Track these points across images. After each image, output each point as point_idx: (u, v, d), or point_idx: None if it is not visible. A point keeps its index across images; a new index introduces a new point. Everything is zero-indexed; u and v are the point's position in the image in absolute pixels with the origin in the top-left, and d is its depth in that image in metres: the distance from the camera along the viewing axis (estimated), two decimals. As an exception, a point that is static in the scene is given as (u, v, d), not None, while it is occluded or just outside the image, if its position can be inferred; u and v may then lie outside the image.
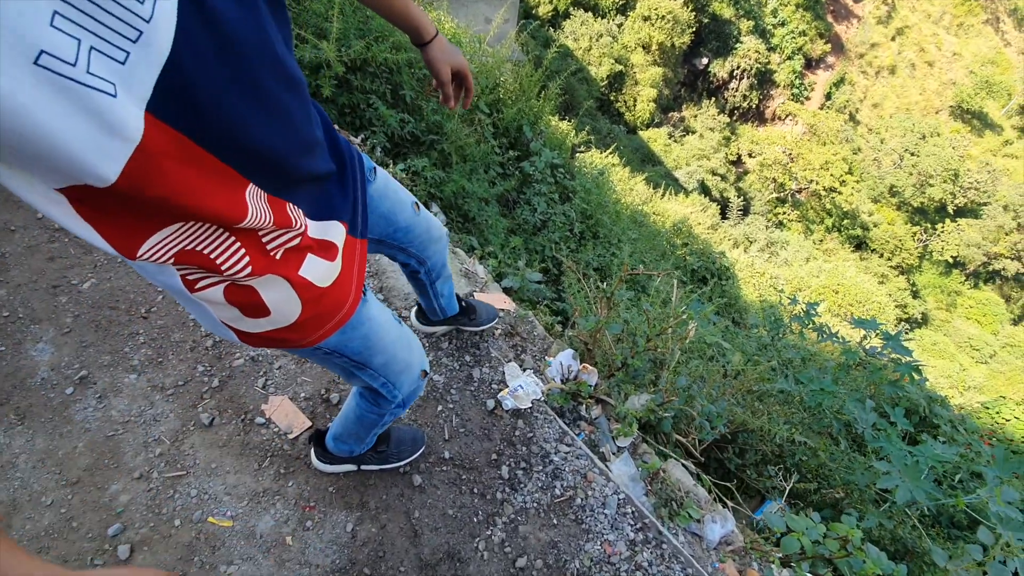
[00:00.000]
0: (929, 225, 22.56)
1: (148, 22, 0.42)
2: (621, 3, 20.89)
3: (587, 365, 2.05)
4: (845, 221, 22.10)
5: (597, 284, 2.68)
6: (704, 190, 19.62)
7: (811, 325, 2.92)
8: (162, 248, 0.57)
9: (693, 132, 22.85)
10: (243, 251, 0.63)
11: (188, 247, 0.58)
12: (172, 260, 0.59)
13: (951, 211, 22.13)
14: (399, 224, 1.08)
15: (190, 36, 0.45)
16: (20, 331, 1.60)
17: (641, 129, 21.55)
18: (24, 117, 0.38)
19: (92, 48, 0.40)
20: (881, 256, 22.02)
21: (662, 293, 3.72)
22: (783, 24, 25.77)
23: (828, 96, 26.83)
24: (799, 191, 22.36)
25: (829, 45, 27.21)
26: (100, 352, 1.59)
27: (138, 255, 0.56)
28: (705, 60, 23.86)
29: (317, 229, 0.73)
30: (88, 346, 1.60)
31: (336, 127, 2.68)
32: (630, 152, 18.03)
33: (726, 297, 7.58)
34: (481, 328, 1.83)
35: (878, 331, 2.43)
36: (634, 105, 21.40)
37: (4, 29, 0.35)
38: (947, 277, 22.41)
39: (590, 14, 19.59)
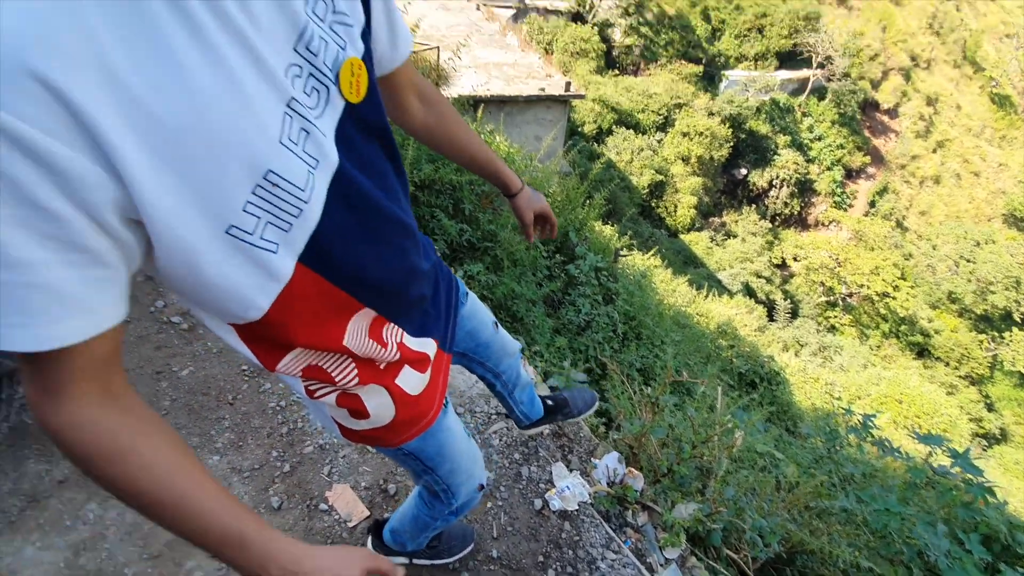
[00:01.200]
0: (996, 333, 21.29)
1: (307, 203, 0.55)
2: (661, 122, 22.37)
3: (633, 469, 2.07)
4: (903, 327, 21.17)
5: (641, 388, 2.74)
6: (749, 292, 19.45)
7: (870, 438, 2.81)
8: (293, 364, 0.72)
9: (734, 236, 23.16)
10: (353, 366, 0.77)
11: (312, 364, 0.73)
12: (300, 374, 0.74)
13: (1018, 319, 20.93)
14: (481, 340, 1.21)
15: (333, 208, 0.58)
16: (126, 412, 1.81)
17: (682, 233, 22.06)
18: (214, 267, 0.52)
19: (268, 223, 0.53)
20: (947, 365, 20.69)
21: (709, 398, 3.70)
22: (820, 139, 26.71)
23: (872, 204, 26.95)
24: (849, 295, 21.82)
25: (868, 157, 27.82)
26: (191, 434, 1.77)
27: (276, 368, 0.71)
28: (744, 171, 24.74)
29: (414, 344, 0.86)
30: (180, 428, 1.78)
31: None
32: (672, 254, 18.36)
33: (777, 404, 7.29)
34: (581, 416, 1.84)
35: (943, 447, 2.33)
36: (675, 211, 22.10)
37: (206, 217, 0.49)
38: (1023, 390, 20.67)
39: (632, 131, 20.99)
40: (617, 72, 27.83)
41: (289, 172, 0.52)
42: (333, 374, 0.75)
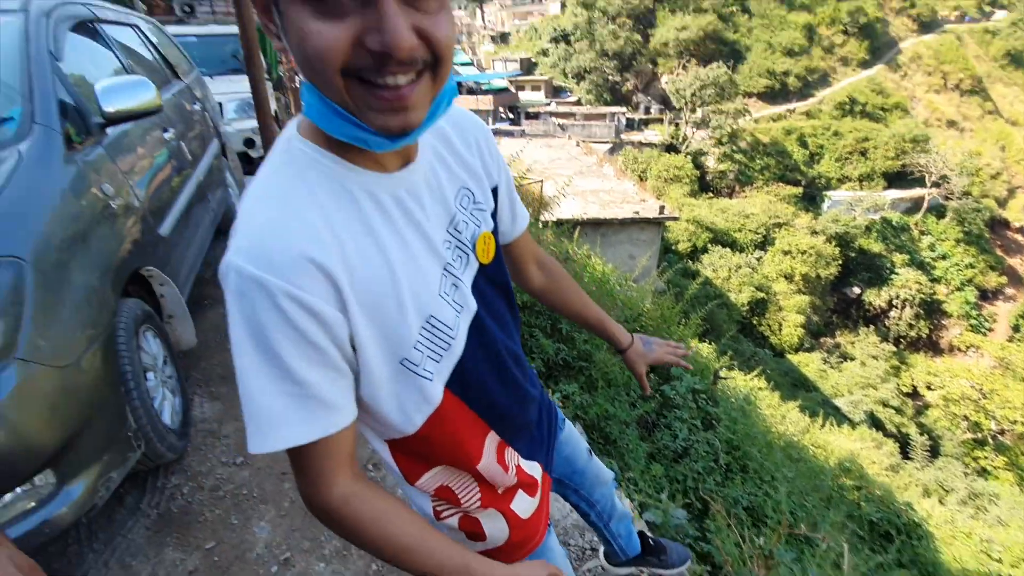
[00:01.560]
0: None
1: (454, 339, 0.71)
2: (759, 240, 22.00)
3: (743, 627, 1.86)
4: (1079, 476, 17.31)
5: (750, 533, 2.51)
6: (875, 423, 17.20)
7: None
8: (430, 482, 0.82)
9: (852, 359, 21.09)
10: (477, 489, 0.85)
11: (444, 484, 0.82)
12: (432, 492, 0.83)
13: None
14: (576, 467, 1.25)
15: (471, 344, 0.74)
16: (251, 509, 1.99)
17: (790, 353, 20.53)
18: (390, 388, 0.68)
19: (427, 356, 0.68)
20: None
21: (833, 552, 3.24)
22: (944, 257, 24.65)
23: (1016, 328, 23.64)
24: (1001, 432, 18.49)
25: (1005, 277, 24.98)
26: (303, 538, 1.89)
27: (416, 483, 0.81)
28: (857, 289, 23.14)
29: (526, 467, 0.92)
30: (295, 530, 1.92)
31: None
32: (779, 376, 17.02)
33: (920, 564, 6.11)
34: (674, 571, 1.76)
35: None
36: (779, 329, 20.83)
37: (389, 351, 0.65)
38: None
39: (728, 249, 20.76)
40: (711, 195, 28.33)
41: (444, 316, 0.69)
42: (460, 496, 0.84)
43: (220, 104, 4.71)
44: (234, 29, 5.33)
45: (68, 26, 2.04)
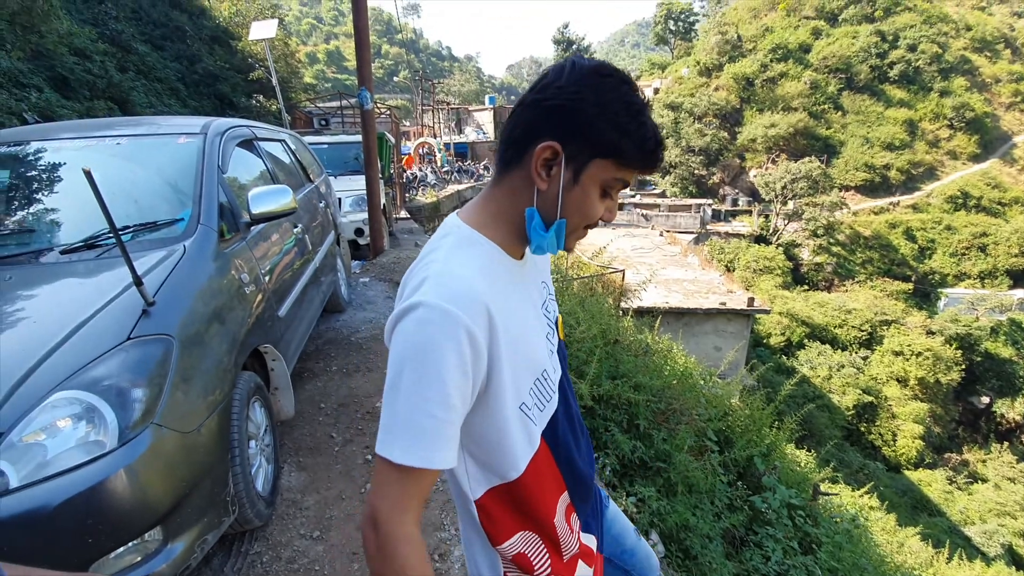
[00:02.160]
0: None
1: (554, 393, 0.89)
2: (864, 338, 20.24)
3: None
4: None
5: None
6: (1014, 560, 14.27)
7: None
8: (513, 546, 0.88)
9: (983, 480, 18.04)
10: (548, 556, 0.90)
11: (523, 551, 0.88)
12: (511, 558, 0.88)
13: None
14: (626, 546, 1.25)
15: (561, 402, 0.92)
16: (323, 585, 2.04)
17: (907, 468, 18.00)
18: (507, 430, 0.80)
19: (535, 404, 0.85)
20: None
21: None
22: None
23: None
24: None
25: None
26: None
27: (500, 545, 0.88)
28: (985, 399, 20.26)
29: (585, 537, 0.99)
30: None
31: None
32: (894, 495, 14.87)
33: None
34: None
35: None
36: (893, 440, 18.47)
37: (514, 393, 0.80)
38: None
39: (828, 346, 19.22)
40: (807, 287, 26.83)
41: (550, 372, 0.89)
42: (534, 563, 0.90)
43: (339, 199, 5.36)
44: (357, 138, 6.27)
45: (234, 144, 2.52)
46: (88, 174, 1.32)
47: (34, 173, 2.29)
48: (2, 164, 2.32)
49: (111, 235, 1.92)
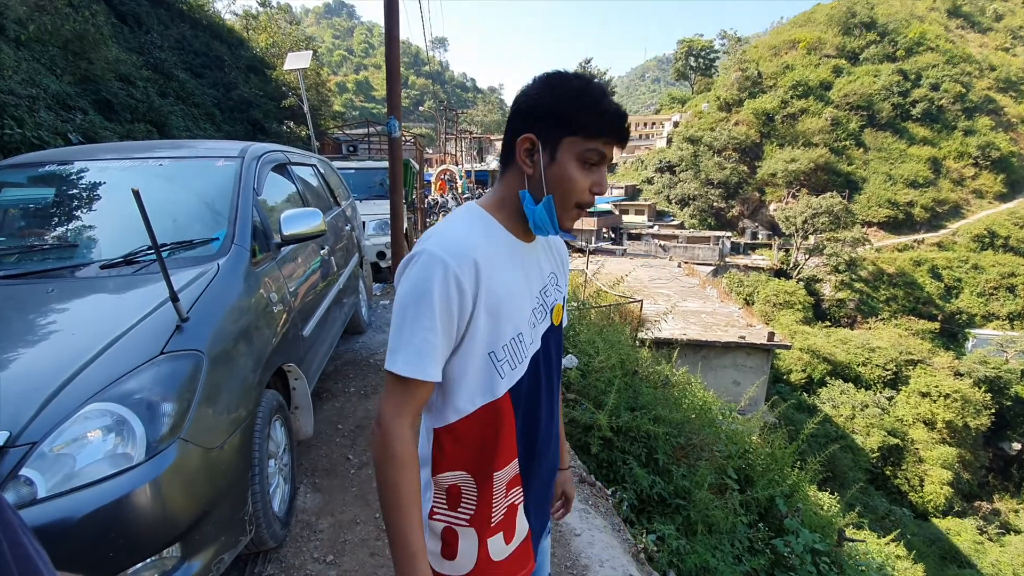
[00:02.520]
0: None
1: (526, 357, 0.99)
2: (888, 377, 19.69)
3: None
4: None
5: None
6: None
7: None
8: (449, 478, 0.98)
9: (1016, 531, 17.15)
10: (476, 503, 0.99)
11: (457, 483, 0.99)
12: (445, 488, 0.99)
13: None
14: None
15: (531, 370, 1.00)
16: (335, 612, 2.00)
17: (935, 516, 17.23)
18: (470, 368, 0.93)
19: (506, 360, 0.95)
20: None
21: None
22: None
23: None
24: None
25: None
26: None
27: (439, 473, 0.98)
28: (1017, 445, 19.43)
29: (518, 517, 1.05)
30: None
31: (593, 477, 3.04)
32: (922, 544, 14.21)
33: None
34: None
35: None
36: (920, 485, 17.75)
37: (487, 341, 0.93)
38: None
39: (851, 385, 18.72)
40: (828, 323, 26.33)
41: (526, 337, 0.99)
42: (462, 500, 1.00)
43: (364, 222, 5.47)
44: (383, 164, 6.46)
45: (269, 168, 2.60)
46: (136, 194, 1.37)
47: (78, 191, 2.39)
48: (48, 182, 2.43)
49: (150, 251, 1.98)
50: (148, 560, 1.51)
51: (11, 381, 1.49)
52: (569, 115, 0.89)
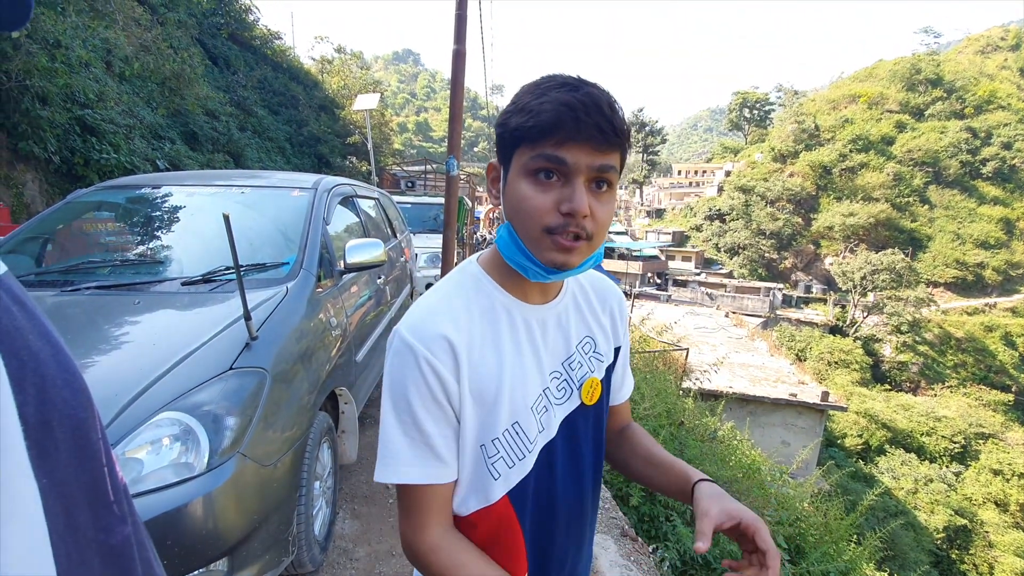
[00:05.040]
0: None
1: (530, 452, 0.78)
2: (956, 451, 18.19)
3: None
4: None
5: None
6: None
7: None
8: None
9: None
10: None
11: None
12: None
13: None
14: None
15: (540, 465, 0.80)
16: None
17: (1013, 615, 15.42)
18: (463, 462, 0.76)
19: (502, 456, 0.77)
20: None
21: None
22: None
23: None
24: None
25: None
26: None
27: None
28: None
29: None
30: None
31: (633, 531, 2.91)
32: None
33: None
34: None
35: None
36: (990, 573, 16.02)
37: (477, 431, 0.75)
38: None
39: (913, 455, 17.37)
40: (888, 387, 24.73)
41: (528, 428, 0.79)
42: None
43: (416, 254, 5.66)
44: (438, 200, 6.74)
45: (338, 200, 2.76)
46: (227, 218, 1.48)
47: (166, 213, 2.59)
48: (141, 203, 2.65)
49: (228, 271, 2.12)
50: (197, 571, 1.54)
51: (96, 385, 1.59)
52: (512, 120, 0.71)
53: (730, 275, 37.98)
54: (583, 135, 0.67)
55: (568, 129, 0.67)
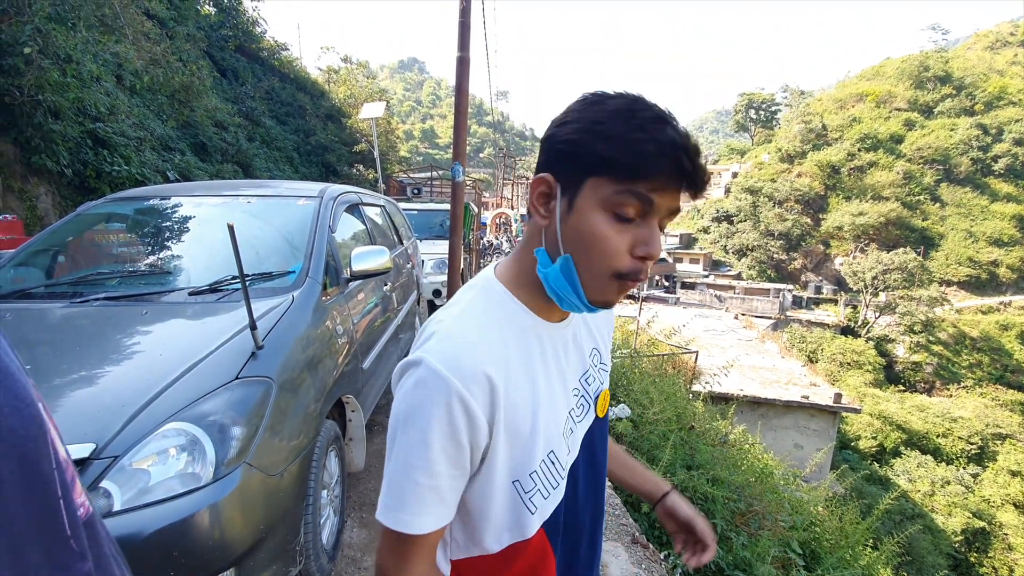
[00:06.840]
0: None
1: (562, 479, 0.76)
2: (973, 452, 17.91)
3: None
4: None
5: None
6: None
7: None
8: None
9: None
10: None
11: None
12: None
13: None
14: None
15: (568, 486, 0.77)
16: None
17: (1036, 620, 15.09)
18: (497, 502, 0.71)
19: (539, 489, 0.73)
20: None
21: None
22: None
23: None
24: None
25: None
26: None
27: None
28: None
29: None
30: None
31: (644, 537, 2.87)
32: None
33: None
34: None
35: None
36: (1014, 579, 15.70)
37: (512, 469, 0.71)
38: None
39: (929, 457, 17.12)
40: (902, 388, 24.41)
41: (560, 454, 0.76)
42: None
43: (422, 260, 5.68)
44: (444, 206, 6.77)
45: (343, 208, 2.77)
46: (231, 228, 1.48)
47: (174, 223, 2.61)
48: (150, 214, 2.67)
49: (234, 280, 2.13)
50: (202, 583, 1.55)
51: (102, 395, 1.60)
52: (596, 147, 0.64)
53: (739, 277, 37.70)
54: (687, 182, 0.64)
55: (671, 175, 0.63)
